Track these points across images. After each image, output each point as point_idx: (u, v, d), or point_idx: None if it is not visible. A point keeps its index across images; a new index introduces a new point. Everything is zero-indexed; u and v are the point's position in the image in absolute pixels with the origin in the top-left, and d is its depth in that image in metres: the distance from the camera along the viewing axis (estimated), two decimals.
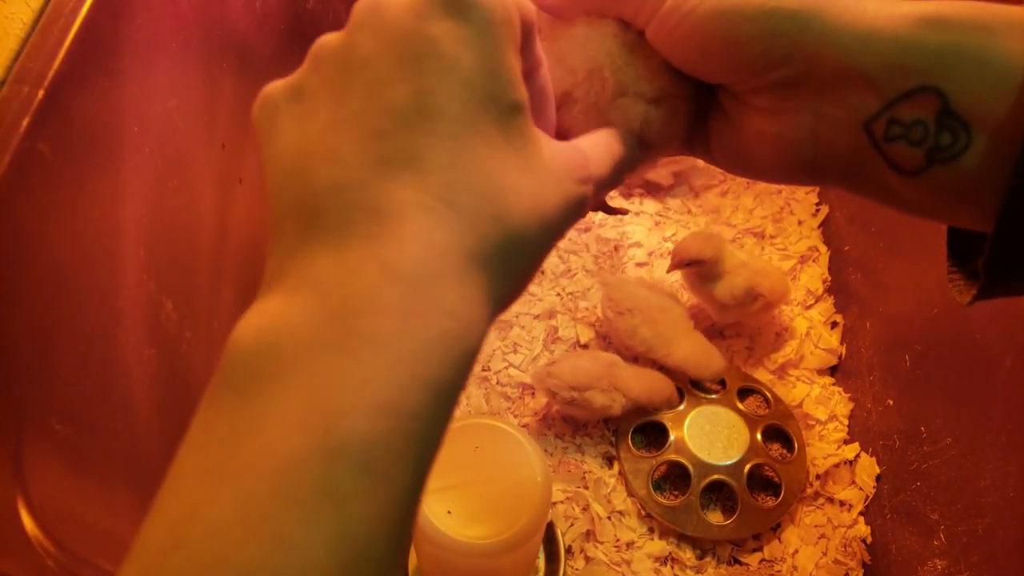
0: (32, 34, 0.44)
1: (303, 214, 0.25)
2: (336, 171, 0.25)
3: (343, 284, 0.23)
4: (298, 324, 0.22)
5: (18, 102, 0.40)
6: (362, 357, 0.21)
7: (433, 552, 0.63)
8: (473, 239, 0.24)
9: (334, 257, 0.23)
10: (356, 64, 0.26)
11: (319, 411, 0.21)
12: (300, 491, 0.20)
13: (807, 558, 0.81)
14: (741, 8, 0.33)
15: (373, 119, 0.25)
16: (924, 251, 0.79)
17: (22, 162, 0.39)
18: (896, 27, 0.31)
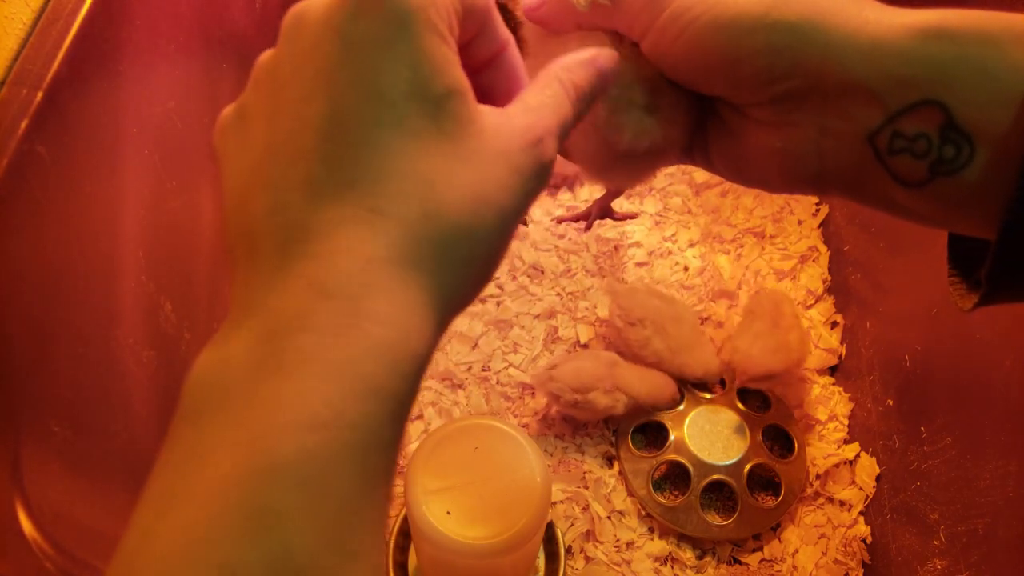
0: (31, 35, 0.44)
1: (246, 243, 0.25)
2: (269, 196, 0.25)
3: (278, 309, 0.23)
4: (239, 352, 0.23)
5: (17, 104, 0.40)
6: (295, 376, 0.22)
7: (433, 552, 0.64)
8: (404, 242, 0.24)
9: (270, 283, 0.24)
10: (283, 82, 0.26)
11: (253, 433, 0.21)
12: (236, 514, 0.20)
13: (807, 558, 0.81)
14: (741, 21, 0.33)
15: (299, 138, 0.25)
16: (924, 251, 0.79)
17: (21, 164, 0.39)
18: (899, 39, 0.31)
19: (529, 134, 0.28)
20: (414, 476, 0.64)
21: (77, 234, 0.44)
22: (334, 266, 0.23)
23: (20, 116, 0.40)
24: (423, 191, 0.25)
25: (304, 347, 0.22)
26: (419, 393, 0.90)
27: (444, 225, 0.25)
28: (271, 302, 0.23)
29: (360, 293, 0.23)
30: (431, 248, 0.24)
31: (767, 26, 0.32)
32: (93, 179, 0.45)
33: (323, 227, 0.24)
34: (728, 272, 1.02)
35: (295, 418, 0.21)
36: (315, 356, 0.22)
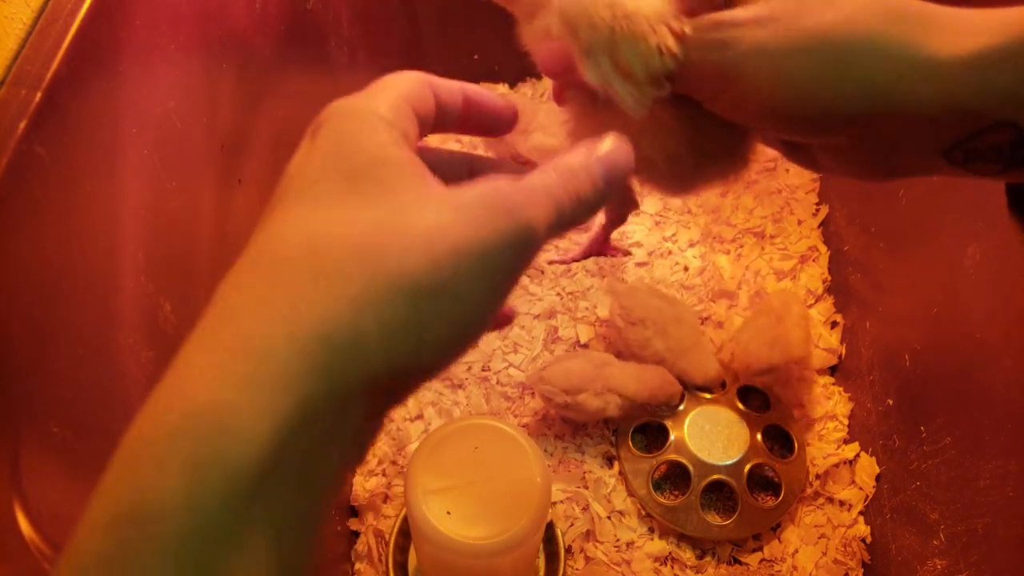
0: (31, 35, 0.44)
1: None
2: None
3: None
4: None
5: (16, 104, 0.40)
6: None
7: (433, 552, 0.64)
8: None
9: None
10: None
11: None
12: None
13: (807, 558, 0.81)
14: (820, 90, 0.34)
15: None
16: (924, 251, 0.79)
17: (19, 165, 0.39)
18: (970, 71, 0.32)
19: (502, 198, 0.26)
20: (414, 476, 0.64)
21: (77, 234, 0.44)
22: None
23: (19, 116, 0.40)
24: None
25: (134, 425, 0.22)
26: (419, 393, 0.90)
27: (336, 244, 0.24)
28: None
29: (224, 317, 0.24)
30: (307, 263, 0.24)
31: (844, 90, 0.33)
32: (93, 179, 0.45)
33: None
34: (728, 272, 1.02)
35: (95, 518, 0.21)
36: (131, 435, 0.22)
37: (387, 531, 0.80)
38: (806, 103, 0.34)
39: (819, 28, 0.33)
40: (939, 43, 0.32)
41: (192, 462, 0.20)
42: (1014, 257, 0.63)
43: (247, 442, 0.21)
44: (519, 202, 0.26)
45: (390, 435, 0.89)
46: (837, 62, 0.33)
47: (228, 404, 0.21)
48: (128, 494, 0.21)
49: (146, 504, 0.20)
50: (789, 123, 0.35)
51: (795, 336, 0.88)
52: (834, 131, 0.35)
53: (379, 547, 0.82)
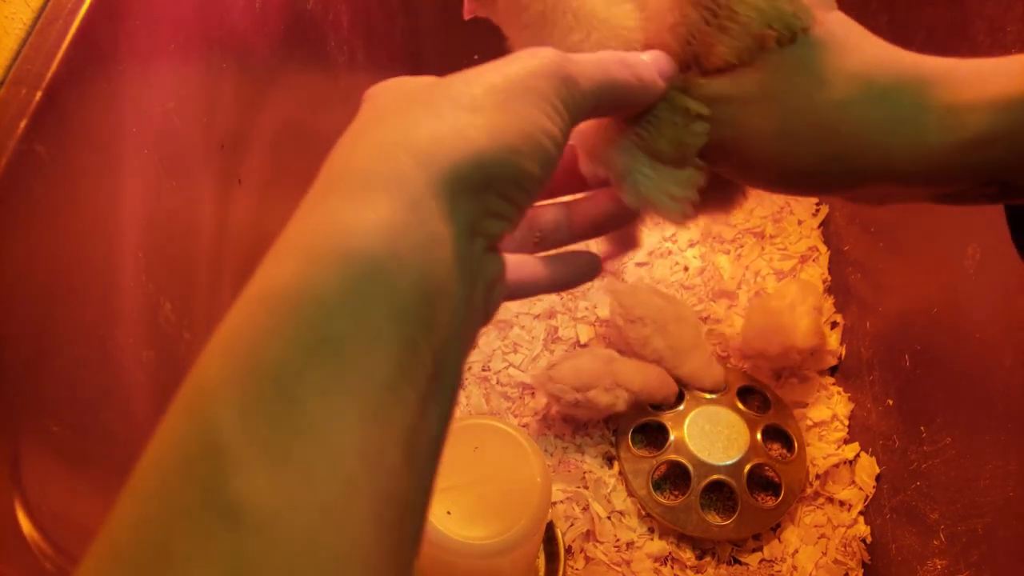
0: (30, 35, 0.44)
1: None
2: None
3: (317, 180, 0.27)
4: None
5: (16, 104, 0.40)
6: (275, 246, 0.24)
7: (433, 552, 0.64)
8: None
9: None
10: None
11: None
12: (184, 387, 0.21)
13: (807, 558, 0.81)
14: (805, 165, 0.35)
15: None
16: (924, 251, 0.79)
17: (19, 164, 0.39)
18: (957, 151, 0.33)
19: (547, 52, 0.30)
20: None
21: (76, 234, 0.44)
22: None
23: (19, 116, 0.40)
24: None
25: (289, 228, 0.24)
26: None
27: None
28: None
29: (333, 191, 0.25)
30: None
31: (836, 168, 0.34)
32: (92, 179, 0.45)
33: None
34: (728, 272, 1.02)
35: (253, 292, 0.22)
36: (289, 233, 0.24)
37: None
38: (801, 176, 0.35)
39: (811, 113, 0.34)
40: (928, 124, 0.33)
41: (306, 250, 0.22)
42: (1014, 257, 0.63)
43: (357, 232, 0.22)
44: (558, 56, 0.29)
45: None
46: (830, 144, 0.34)
47: (334, 210, 0.23)
48: (255, 284, 0.22)
49: (266, 286, 0.22)
50: (786, 188, 0.37)
51: (802, 327, 0.88)
52: (828, 195, 0.37)
53: None
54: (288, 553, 0.19)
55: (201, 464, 0.19)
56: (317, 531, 0.19)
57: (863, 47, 0.34)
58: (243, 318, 0.22)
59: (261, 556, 0.18)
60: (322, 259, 0.22)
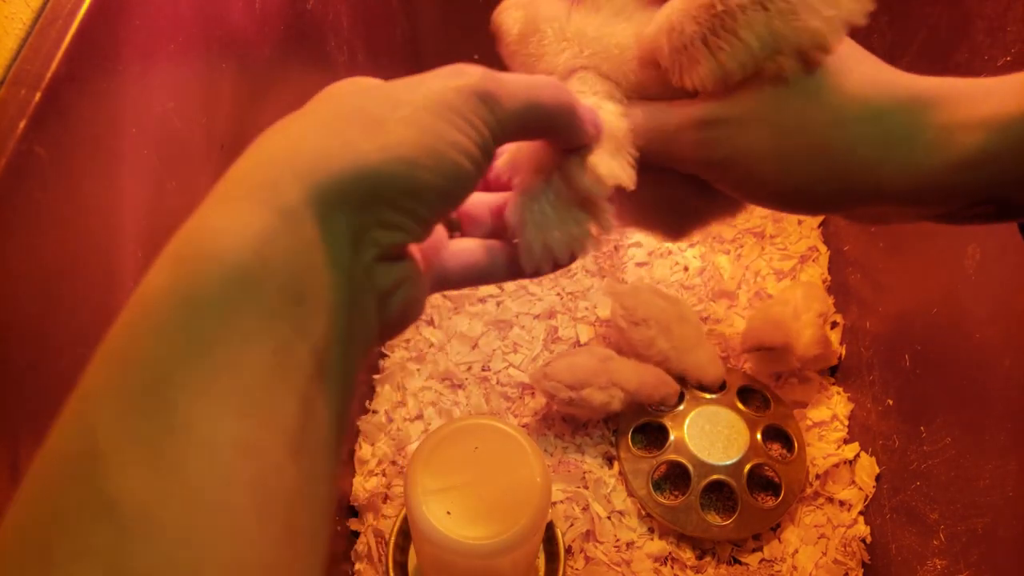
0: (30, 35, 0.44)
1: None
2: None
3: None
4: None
5: (15, 104, 0.40)
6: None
7: (433, 552, 0.64)
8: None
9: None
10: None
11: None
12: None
13: (807, 558, 0.81)
14: (802, 183, 0.35)
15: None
16: (924, 251, 0.79)
17: (19, 165, 0.39)
18: (953, 170, 0.33)
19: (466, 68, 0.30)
20: (414, 476, 0.64)
21: (76, 235, 0.44)
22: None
23: (19, 116, 0.40)
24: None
25: (175, 234, 0.25)
26: (419, 393, 0.89)
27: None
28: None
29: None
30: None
31: (832, 187, 0.35)
32: (92, 179, 0.45)
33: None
34: (728, 272, 1.02)
35: (135, 298, 0.23)
36: (172, 239, 0.25)
37: (387, 531, 0.80)
38: (795, 195, 0.36)
39: (805, 133, 0.34)
40: (922, 143, 0.33)
41: (178, 257, 0.23)
42: (1014, 257, 0.63)
43: (225, 238, 0.23)
44: (484, 74, 0.30)
45: (390, 435, 0.89)
46: (824, 164, 0.34)
47: (207, 216, 0.25)
48: (137, 291, 0.23)
49: (143, 292, 0.23)
50: (781, 206, 0.38)
51: (806, 336, 0.88)
52: (824, 213, 0.37)
53: (379, 547, 0.82)
54: (165, 545, 0.19)
55: (80, 465, 0.20)
56: (193, 522, 0.20)
57: (858, 67, 0.35)
58: (123, 324, 0.23)
59: (139, 549, 0.19)
60: (194, 264, 0.23)
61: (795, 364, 0.89)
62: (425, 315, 0.98)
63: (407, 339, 0.97)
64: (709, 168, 0.36)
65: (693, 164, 0.37)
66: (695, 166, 0.37)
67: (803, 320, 0.88)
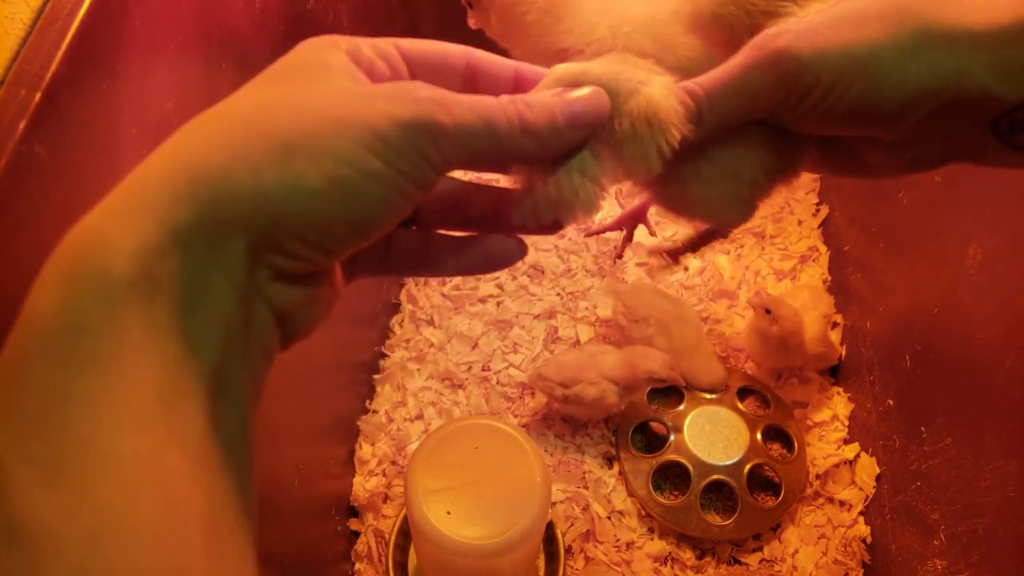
0: (30, 35, 0.44)
1: None
2: None
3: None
4: None
5: (15, 105, 0.40)
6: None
7: (433, 552, 0.64)
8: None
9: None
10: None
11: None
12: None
13: (807, 558, 0.81)
14: (891, 79, 0.34)
15: None
16: (924, 251, 0.79)
17: (19, 165, 0.39)
18: (1018, 39, 0.33)
19: (413, 93, 0.28)
20: (414, 476, 0.64)
21: None
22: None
23: (18, 117, 0.40)
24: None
25: (67, 236, 0.25)
26: (419, 393, 0.89)
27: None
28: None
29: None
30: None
31: (909, 78, 0.34)
32: (92, 180, 0.45)
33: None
34: (728, 272, 1.02)
35: (24, 318, 0.23)
36: (63, 245, 0.25)
37: (387, 531, 0.80)
38: (875, 97, 0.35)
39: (876, 24, 0.34)
40: (978, 16, 0.33)
41: (66, 274, 0.23)
42: (1014, 257, 0.63)
43: (114, 255, 0.23)
44: (433, 100, 0.28)
45: (390, 435, 0.89)
46: (899, 54, 0.34)
47: (98, 228, 0.24)
48: (25, 310, 0.23)
49: (32, 312, 0.23)
50: (860, 118, 0.36)
51: (809, 332, 0.88)
52: (899, 119, 0.35)
53: (379, 547, 0.82)
54: (74, 560, 0.20)
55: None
56: (100, 535, 0.20)
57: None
58: (12, 348, 0.23)
59: (45, 566, 0.19)
60: (82, 283, 0.23)
61: (798, 360, 0.89)
62: (425, 315, 0.98)
63: (407, 339, 0.97)
64: (794, 87, 0.35)
65: (775, 88, 0.36)
66: (777, 90, 0.36)
67: (808, 317, 0.89)
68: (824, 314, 0.90)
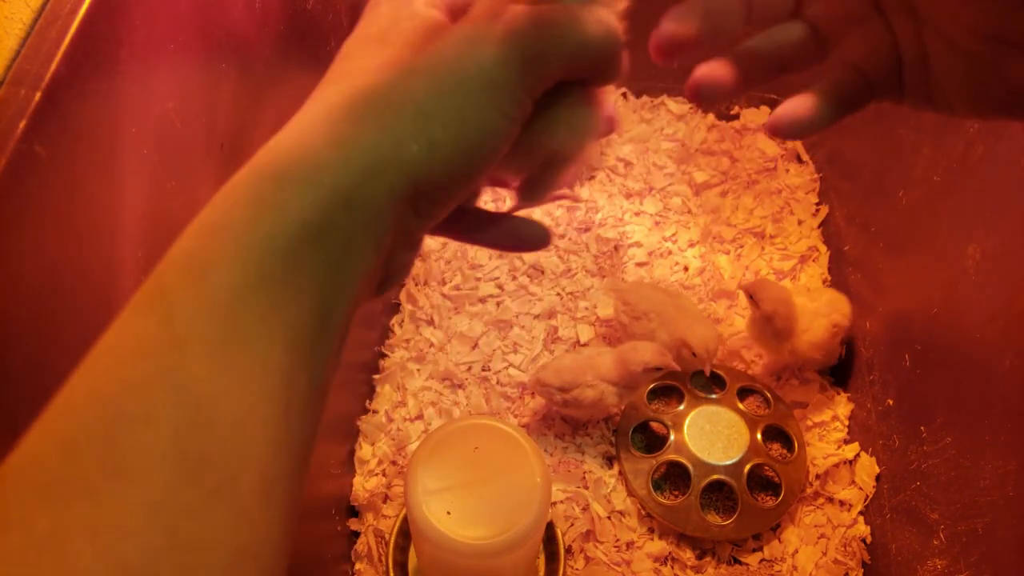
0: (30, 35, 0.44)
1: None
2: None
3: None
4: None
5: (15, 105, 0.40)
6: (214, 201, 0.27)
7: (433, 552, 0.64)
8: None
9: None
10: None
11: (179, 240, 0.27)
12: (139, 295, 0.25)
13: (807, 558, 0.81)
14: None
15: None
16: (924, 251, 0.79)
17: (19, 165, 0.39)
18: None
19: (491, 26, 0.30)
20: (414, 476, 0.64)
21: (76, 234, 0.44)
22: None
23: (18, 117, 0.40)
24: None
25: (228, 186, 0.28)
26: (419, 393, 0.89)
27: (359, 89, 0.30)
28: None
29: (273, 143, 0.29)
30: (345, 107, 0.29)
31: None
32: (92, 180, 0.45)
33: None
34: (728, 272, 1.02)
35: (192, 226, 0.27)
36: (226, 190, 0.27)
37: (387, 531, 0.80)
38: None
39: None
40: None
41: (257, 198, 0.26)
42: (1014, 257, 0.63)
43: (299, 196, 0.26)
44: (530, 27, 0.29)
45: (390, 435, 0.89)
46: None
47: (287, 172, 0.27)
48: (220, 199, 0.27)
49: (225, 209, 0.26)
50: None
51: (811, 334, 0.88)
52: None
53: (379, 547, 0.82)
54: (222, 430, 0.23)
55: (157, 347, 0.24)
56: (244, 419, 0.24)
57: None
58: (202, 230, 0.26)
59: (200, 428, 0.23)
60: (282, 195, 0.26)
61: (787, 355, 0.89)
62: (425, 315, 0.98)
63: (407, 339, 0.97)
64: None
65: None
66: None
67: (816, 323, 0.88)
68: (834, 323, 0.89)
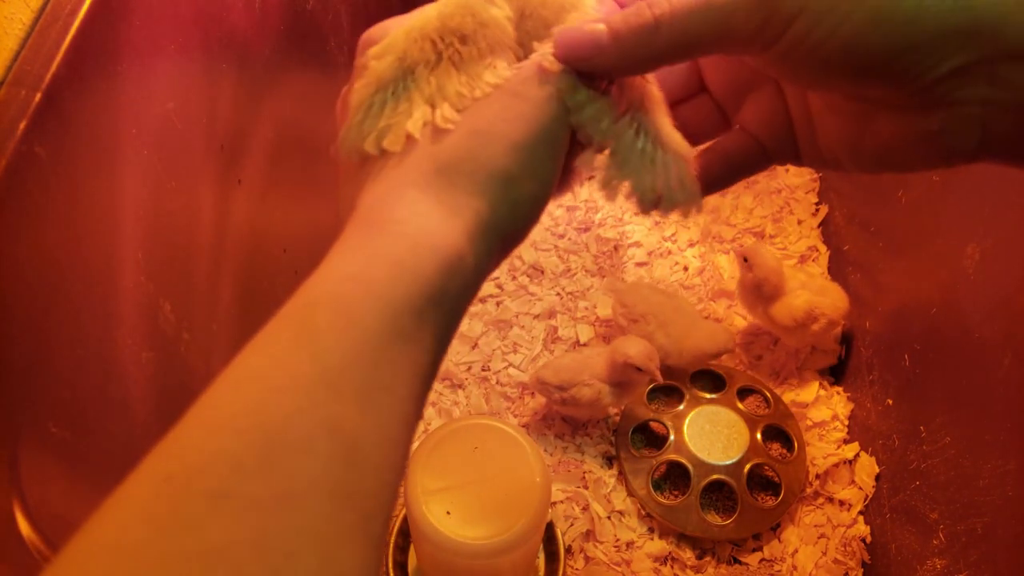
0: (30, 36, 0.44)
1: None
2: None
3: (356, 212, 0.33)
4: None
5: (15, 105, 0.40)
6: (341, 252, 0.30)
7: (433, 552, 0.64)
8: (420, 172, 0.33)
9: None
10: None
11: (309, 283, 0.29)
12: (287, 326, 0.28)
13: (807, 558, 0.81)
14: (904, 6, 0.29)
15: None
16: (924, 251, 0.79)
17: (19, 165, 0.39)
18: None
19: (526, 69, 0.34)
20: (414, 476, 0.64)
21: (76, 235, 0.44)
22: (375, 192, 0.33)
23: (19, 117, 0.40)
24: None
25: (350, 238, 0.31)
26: None
27: (446, 156, 0.33)
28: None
29: (389, 206, 0.32)
30: (442, 174, 0.32)
31: (938, 11, 0.29)
32: (92, 180, 0.45)
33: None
34: (728, 272, 1.02)
35: (334, 273, 0.29)
36: (356, 244, 0.30)
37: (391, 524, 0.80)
38: (877, 36, 0.30)
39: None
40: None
41: (397, 261, 0.29)
42: (1014, 257, 0.63)
43: (428, 262, 0.30)
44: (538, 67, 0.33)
45: None
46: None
47: (416, 239, 0.30)
48: (343, 265, 0.30)
49: (359, 273, 0.29)
50: (858, 65, 0.31)
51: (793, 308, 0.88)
52: (911, 70, 0.30)
53: None
54: (367, 467, 0.26)
55: (311, 385, 0.26)
56: (382, 461, 0.27)
57: None
58: (348, 295, 0.28)
59: (350, 464, 0.25)
60: (414, 263, 0.29)
61: (766, 320, 0.90)
62: None
63: None
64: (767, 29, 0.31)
65: (754, 8, 0.31)
66: (754, 11, 0.31)
67: (800, 297, 0.88)
68: (831, 320, 0.89)
